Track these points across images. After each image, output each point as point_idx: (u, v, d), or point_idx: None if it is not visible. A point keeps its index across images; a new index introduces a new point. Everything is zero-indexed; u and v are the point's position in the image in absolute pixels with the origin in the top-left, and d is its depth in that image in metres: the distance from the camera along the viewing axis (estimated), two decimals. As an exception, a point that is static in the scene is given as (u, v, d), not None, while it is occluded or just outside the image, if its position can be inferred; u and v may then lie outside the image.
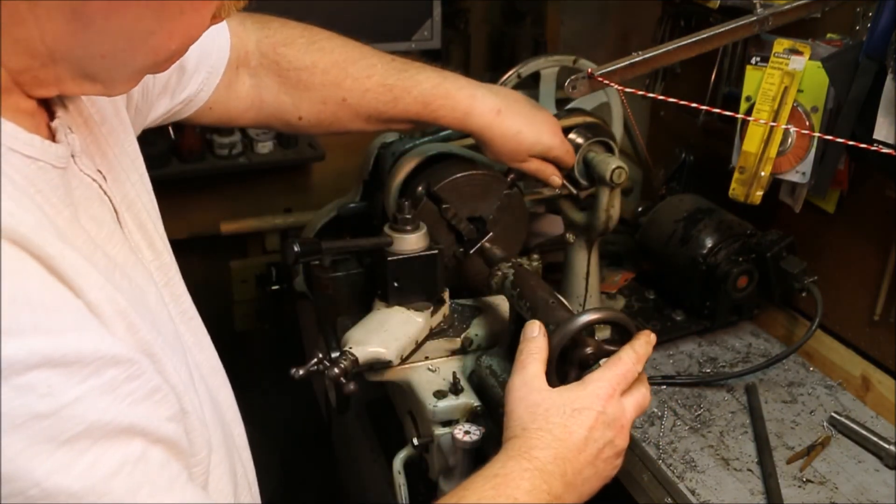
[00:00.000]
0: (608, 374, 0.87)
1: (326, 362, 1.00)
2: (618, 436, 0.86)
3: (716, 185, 1.33)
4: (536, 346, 0.89)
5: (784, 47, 1.19)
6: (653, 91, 1.63)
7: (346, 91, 1.10)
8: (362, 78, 1.10)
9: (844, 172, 1.26)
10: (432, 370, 1.10)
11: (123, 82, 0.65)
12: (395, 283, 1.10)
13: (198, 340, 0.79)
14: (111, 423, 0.52)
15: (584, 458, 0.83)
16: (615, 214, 1.29)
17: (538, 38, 2.33)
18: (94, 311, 0.55)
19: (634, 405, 0.88)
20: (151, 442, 0.56)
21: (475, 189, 1.23)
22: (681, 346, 1.40)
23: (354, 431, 1.50)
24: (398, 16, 2.04)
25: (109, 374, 0.53)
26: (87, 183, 0.67)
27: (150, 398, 0.56)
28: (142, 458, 0.55)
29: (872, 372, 1.26)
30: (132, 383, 0.54)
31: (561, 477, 0.81)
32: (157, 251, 0.77)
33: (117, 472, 0.53)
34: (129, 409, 0.54)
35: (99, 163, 0.71)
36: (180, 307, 0.78)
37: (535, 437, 0.83)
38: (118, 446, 0.53)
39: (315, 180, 2.33)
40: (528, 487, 0.78)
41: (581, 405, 0.84)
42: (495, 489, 0.77)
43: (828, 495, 1.08)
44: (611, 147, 1.32)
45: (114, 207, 0.71)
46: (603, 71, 1.17)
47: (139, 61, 0.62)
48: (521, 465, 0.80)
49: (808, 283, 1.30)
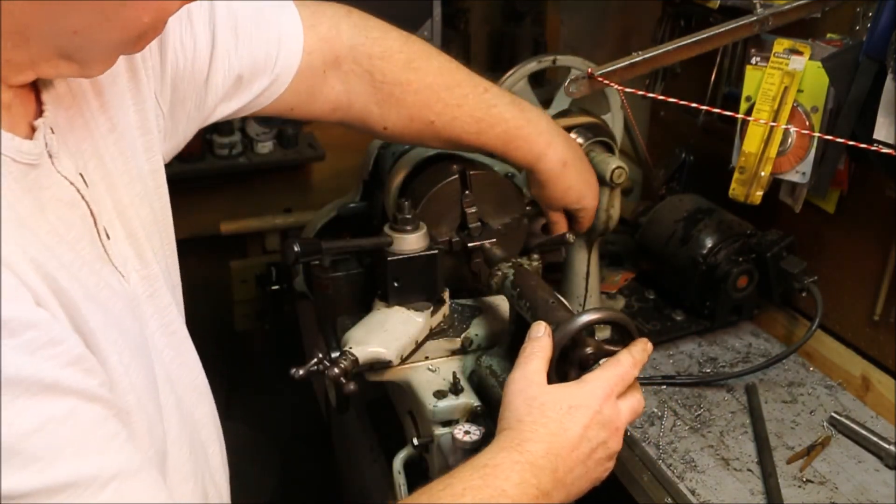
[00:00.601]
0: (607, 374, 0.87)
1: (326, 362, 1.00)
2: (611, 437, 0.86)
3: (716, 185, 1.33)
4: (540, 345, 0.89)
5: (784, 47, 1.19)
6: (653, 91, 1.62)
7: (435, 115, 1.11)
8: (453, 106, 1.11)
9: (844, 172, 1.26)
10: (432, 370, 1.10)
11: (100, 62, 0.64)
12: (395, 283, 1.10)
13: (178, 354, 0.79)
14: (30, 379, 0.52)
15: (577, 456, 0.83)
16: (615, 214, 1.29)
17: (538, 38, 2.32)
18: (25, 283, 0.55)
19: (629, 409, 0.88)
20: (85, 400, 0.55)
21: (494, 193, 1.24)
22: (681, 346, 1.40)
23: (354, 431, 1.50)
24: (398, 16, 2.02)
25: (27, 336, 0.52)
26: (62, 185, 0.67)
27: (77, 364, 0.56)
28: (70, 415, 0.54)
29: (872, 372, 1.26)
30: (55, 348, 0.54)
31: (552, 473, 0.80)
32: (145, 261, 0.76)
33: (39, 428, 0.52)
34: (51, 369, 0.53)
35: (86, 167, 0.70)
36: (163, 319, 0.77)
37: (529, 430, 0.82)
38: (42, 404, 0.52)
39: (315, 180, 2.33)
40: (517, 480, 0.77)
41: (578, 403, 0.84)
42: (483, 479, 0.77)
43: (828, 495, 1.08)
44: (611, 147, 1.32)
45: (92, 213, 0.70)
46: (603, 71, 1.17)
47: (112, 36, 0.61)
48: (512, 458, 0.79)
49: (808, 283, 1.30)
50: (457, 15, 2.30)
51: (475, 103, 1.12)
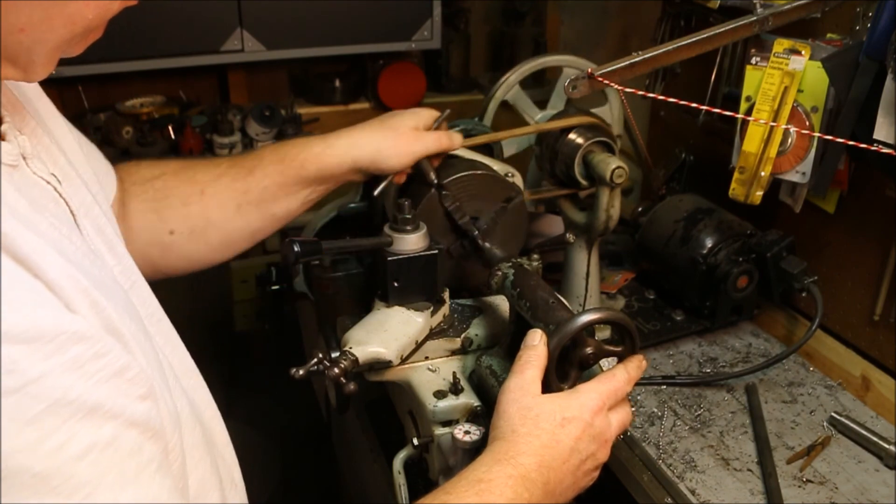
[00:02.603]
0: (601, 387, 0.89)
1: (326, 362, 1.00)
2: (600, 449, 0.88)
3: (716, 185, 1.33)
4: (536, 353, 0.90)
5: (784, 47, 1.19)
6: (653, 91, 1.63)
7: (200, 183, 1.09)
8: (211, 167, 1.11)
9: (844, 172, 1.26)
10: (432, 370, 1.10)
11: (43, 64, 0.63)
12: (395, 283, 1.10)
13: (169, 341, 0.79)
14: (77, 401, 0.51)
15: (567, 468, 0.84)
16: (615, 214, 1.29)
17: (538, 38, 2.33)
18: (54, 289, 0.54)
19: (618, 422, 0.90)
20: (123, 426, 0.55)
21: (477, 189, 1.23)
22: (681, 346, 1.40)
23: (354, 431, 1.50)
24: (398, 16, 2.04)
25: (74, 351, 0.52)
26: (41, 185, 0.67)
27: (120, 376, 0.56)
28: (111, 443, 0.54)
29: (872, 372, 1.26)
30: (99, 361, 0.54)
31: (543, 486, 0.82)
32: (118, 255, 0.76)
33: (84, 455, 0.52)
34: (95, 387, 0.53)
35: (52, 167, 0.71)
36: (148, 309, 0.78)
37: (524, 443, 0.83)
38: (87, 429, 0.52)
39: (315, 180, 2.32)
40: (510, 495, 0.79)
41: (571, 415, 0.86)
42: (478, 496, 0.78)
43: (828, 495, 1.08)
44: (611, 147, 1.32)
45: (71, 210, 0.70)
46: (603, 71, 1.17)
47: (57, 34, 0.61)
48: (506, 472, 0.80)
49: (808, 283, 1.30)
50: (457, 15, 2.30)
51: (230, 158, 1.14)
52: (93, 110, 1.99)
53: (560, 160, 1.34)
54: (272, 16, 1.93)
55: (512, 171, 1.31)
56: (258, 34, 1.94)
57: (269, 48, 1.96)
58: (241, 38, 1.93)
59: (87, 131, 1.64)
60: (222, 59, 1.96)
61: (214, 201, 1.10)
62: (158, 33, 1.86)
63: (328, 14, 1.97)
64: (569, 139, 1.32)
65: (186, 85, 2.16)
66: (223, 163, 1.13)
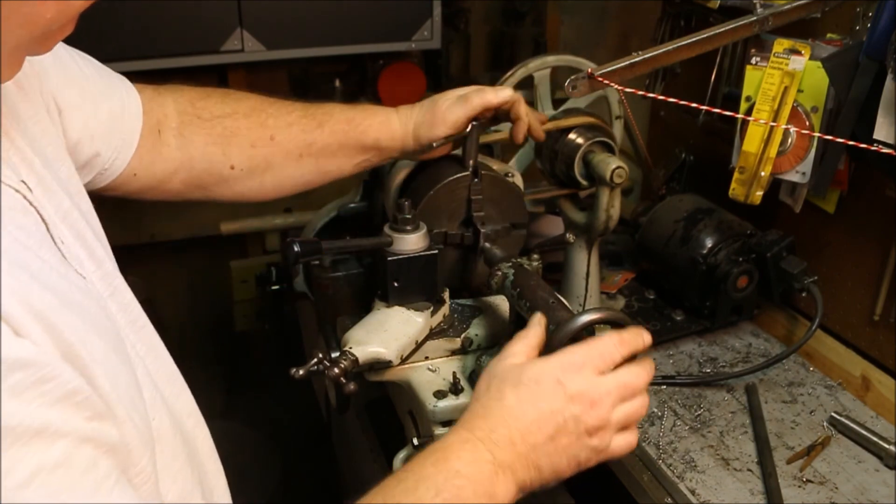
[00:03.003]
0: (581, 348, 0.85)
1: (326, 362, 1.00)
2: (586, 413, 0.81)
3: (716, 185, 1.33)
4: (532, 332, 0.89)
5: (784, 47, 1.19)
6: (653, 91, 1.63)
7: (271, 129, 1.12)
8: (283, 114, 1.13)
9: (844, 172, 1.26)
10: (432, 370, 1.10)
11: (6, 66, 0.62)
12: (395, 283, 1.10)
13: (151, 349, 0.78)
14: (19, 427, 0.50)
15: (540, 430, 0.80)
16: (615, 214, 1.29)
17: (538, 38, 2.32)
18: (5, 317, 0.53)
19: (618, 384, 0.84)
20: (75, 442, 0.54)
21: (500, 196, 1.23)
22: (681, 346, 1.40)
23: (354, 431, 1.50)
24: (398, 16, 2.04)
25: (14, 378, 0.50)
26: (9, 193, 0.65)
27: (68, 399, 0.54)
28: (63, 462, 0.52)
29: (872, 372, 1.26)
30: (45, 385, 0.52)
31: (509, 446, 0.78)
32: (98, 261, 0.75)
33: (30, 480, 0.50)
34: (39, 410, 0.51)
35: (25, 174, 0.69)
36: (129, 316, 0.76)
37: (482, 408, 0.81)
38: (33, 453, 0.51)
39: (315, 180, 2.32)
40: (468, 458, 0.76)
41: (538, 376, 0.82)
42: (435, 465, 0.75)
43: (828, 495, 1.08)
44: (611, 147, 1.32)
45: (43, 219, 0.68)
46: (603, 71, 1.17)
47: (15, 34, 0.59)
48: (461, 437, 0.78)
49: (808, 283, 1.30)
50: (457, 15, 2.30)
51: (303, 106, 1.15)
52: (93, 110, 1.99)
53: (560, 160, 1.34)
54: (272, 16, 1.93)
55: (512, 171, 1.31)
56: (258, 34, 1.93)
57: (269, 48, 1.96)
58: (241, 38, 1.92)
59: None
60: (222, 59, 1.96)
61: (281, 148, 1.13)
62: (158, 33, 1.85)
63: (328, 14, 1.97)
64: (569, 139, 1.32)
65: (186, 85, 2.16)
66: (295, 110, 1.14)
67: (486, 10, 2.39)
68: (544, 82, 1.45)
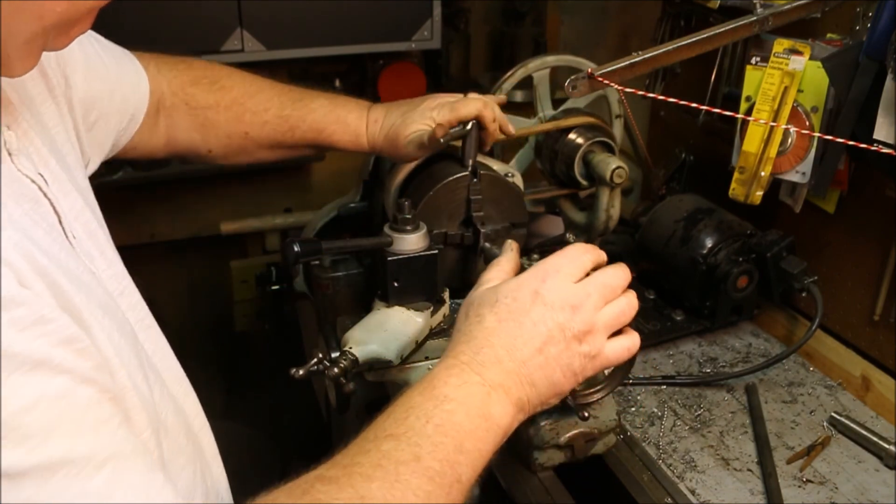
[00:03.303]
0: (549, 258, 0.84)
1: (326, 362, 1.00)
2: (569, 318, 0.79)
3: (716, 185, 1.33)
4: (505, 258, 0.90)
5: (784, 47, 1.19)
6: (653, 91, 1.63)
7: (247, 125, 1.19)
8: (260, 112, 1.19)
9: (844, 172, 1.26)
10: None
11: (19, 58, 0.63)
12: (395, 283, 1.10)
13: (158, 349, 0.78)
14: (21, 355, 0.51)
15: (527, 342, 0.78)
16: (615, 214, 1.29)
17: (538, 38, 2.32)
18: (6, 262, 0.54)
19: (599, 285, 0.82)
20: (76, 380, 0.54)
21: (500, 197, 1.23)
22: (681, 346, 1.40)
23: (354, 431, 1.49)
24: (398, 16, 2.03)
25: (16, 313, 0.52)
26: (23, 182, 0.67)
27: (70, 344, 0.55)
28: (64, 395, 0.53)
29: (872, 372, 1.26)
30: (45, 325, 0.53)
31: (496, 364, 0.77)
32: (109, 260, 0.76)
33: (32, 406, 0.51)
34: (40, 346, 0.53)
35: (41, 168, 0.71)
36: (137, 315, 0.77)
37: (463, 335, 0.80)
38: (35, 381, 0.52)
39: (315, 180, 2.32)
40: (456, 382, 0.75)
41: (513, 291, 0.81)
42: (422, 394, 0.74)
43: (828, 495, 1.08)
44: (611, 147, 1.32)
45: (56, 212, 0.70)
46: (603, 71, 1.17)
47: (26, 27, 0.60)
48: (446, 364, 0.77)
49: (808, 283, 1.30)
50: (457, 15, 2.30)
51: (280, 103, 1.20)
52: (93, 110, 1.99)
53: (560, 160, 1.34)
54: (272, 16, 1.93)
55: (512, 172, 1.31)
56: (258, 34, 1.93)
57: (269, 48, 1.95)
58: (241, 38, 1.92)
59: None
60: (222, 59, 1.96)
61: (254, 142, 1.21)
62: (158, 33, 1.85)
63: (328, 14, 1.96)
64: (569, 139, 1.32)
65: (186, 85, 2.16)
66: (271, 108, 1.19)
67: (486, 10, 2.39)
68: (544, 82, 1.45)
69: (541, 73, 1.45)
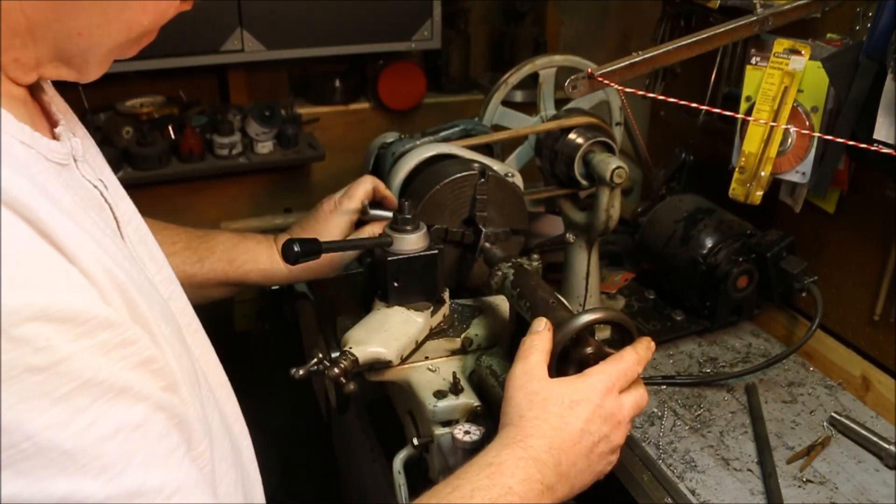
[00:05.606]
0: (609, 368, 0.88)
1: (326, 362, 1.00)
2: (614, 431, 0.87)
3: (716, 185, 1.33)
4: (541, 338, 0.90)
5: (784, 47, 1.19)
6: (653, 91, 1.63)
7: None
8: (167, 244, 1.15)
9: (844, 172, 1.26)
10: (432, 370, 1.10)
11: (96, 65, 0.65)
12: (395, 283, 1.10)
13: (204, 353, 0.80)
14: (106, 383, 0.52)
15: (579, 450, 0.84)
16: (615, 214, 1.29)
17: (538, 38, 2.32)
18: (89, 278, 0.54)
19: (633, 404, 0.89)
20: (152, 408, 0.56)
21: (504, 200, 1.23)
22: (681, 346, 1.40)
23: (354, 431, 1.50)
24: (398, 16, 2.04)
25: (101, 337, 0.52)
26: (88, 188, 0.68)
27: (147, 365, 0.56)
28: (141, 424, 0.54)
29: (872, 372, 1.26)
30: (127, 348, 0.54)
31: (555, 467, 0.81)
32: (159, 264, 0.78)
33: (112, 436, 0.52)
34: (122, 371, 0.53)
35: (99, 174, 0.72)
36: (185, 319, 0.78)
37: (532, 426, 0.83)
38: (117, 410, 0.53)
39: (315, 180, 2.32)
40: (522, 476, 0.78)
41: (579, 397, 0.85)
42: (489, 478, 0.77)
43: (828, 495, 1.08)
44: (611, 147, 1.32)
45: (115, 216, 0.71)
46: (603, 71, 1.17)
47: (113, 38, 0.63)
48: (516, 454, 0.80)
49: (808, 283, 1.30)
50: (457, 15, 2.30)
51: (188, 238, 1.19)
52: (93, 110, 1.99)
53: (560, 160, 1.34)
54: (272, 16, 1.93)
55: (512, 172, 1.31)
56: (258, 34, 1.93)
57: (269, 48, 1.95)
58: (241, 38, 1.92)
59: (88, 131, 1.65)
60: (222, 59, 1.96)
61: None
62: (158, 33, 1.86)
63: (328, 14, 1.97)
64: (569, 139, 1.32)
65: (186, 85, 2.16)
66: (180, 240, 1.18)
67: (486, 10, 2.39)
68: (549, 81, 1.45)
69: (547, 71, 1.45)
